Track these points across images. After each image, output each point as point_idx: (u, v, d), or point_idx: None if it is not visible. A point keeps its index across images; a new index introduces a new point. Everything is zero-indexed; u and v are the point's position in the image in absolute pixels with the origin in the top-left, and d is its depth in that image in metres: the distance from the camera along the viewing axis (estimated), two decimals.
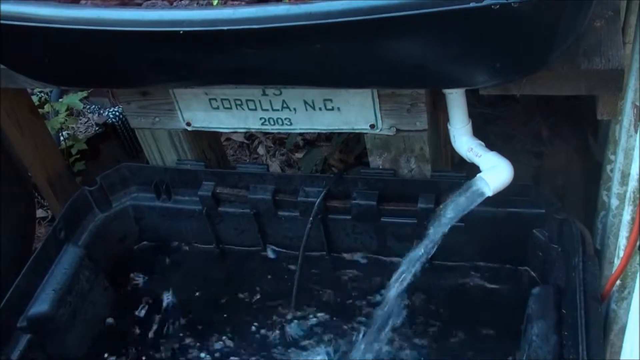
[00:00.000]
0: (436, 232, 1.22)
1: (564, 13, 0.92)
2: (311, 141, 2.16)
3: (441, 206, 1.23)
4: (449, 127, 1.25)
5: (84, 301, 1.39)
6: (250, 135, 2.25)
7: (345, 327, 1.41)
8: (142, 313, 1.49)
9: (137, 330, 1.47)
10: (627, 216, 1.01)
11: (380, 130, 1.28)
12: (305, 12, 0.93)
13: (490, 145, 1.27)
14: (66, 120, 1.99)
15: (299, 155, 2.16)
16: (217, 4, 1.02)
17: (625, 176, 1.11)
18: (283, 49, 1.01)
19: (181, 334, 1.47)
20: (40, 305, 1.30)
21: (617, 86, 1.08)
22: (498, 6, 0.86)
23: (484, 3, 0.86)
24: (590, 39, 1.12)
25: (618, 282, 1.08)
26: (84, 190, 1.46)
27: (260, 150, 2.25)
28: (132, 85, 1.31)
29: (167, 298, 1.52)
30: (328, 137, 2.09)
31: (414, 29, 0.93)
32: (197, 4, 1.05)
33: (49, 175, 1.69)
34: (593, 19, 1.14)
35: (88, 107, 2.25)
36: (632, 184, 0.96)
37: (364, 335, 1.37)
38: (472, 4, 0.87)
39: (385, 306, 1.31)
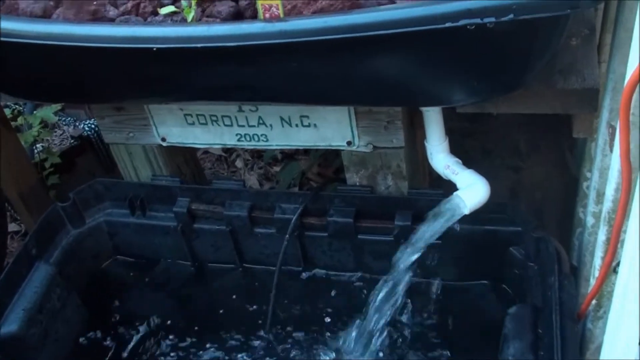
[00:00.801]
0: (413, 250, 1.22)
1: (540, 33, 0.92)
2: (289, 154, 2.15)
3: (419, 224, 1.22)
4: (426, 144, 1.25)
5: (56, 320, 1.36)
6: (228, 149, 2.24)
7: (320, 346, 1.39)
8: (116, 331, 1.46)
9: (111, 349, 1.44)
10: (602, 236, 1.01)
11: (357, 147, 1.28)
12: (280, 30, 0.92)
13: (469, 160, 1.26)
14: (40, 133, 1.96)
15: (277, 168, 2.15)
16: (191, 21, 1.01)
17: (600, 195, 1.11)
18: (258, 67, 1.00)
19: (156, 352, 1.45)
20: (10, 325, 1.26)
21: (592, 105, 1.09)
22: (473, 26, 0.86)
23: (459, 23, 0.86)
24: (566, 58, 1.12)
25: (594, 301, 1.08)
26: (56, 207, 1.44)
27: (238, 163, 2.23)
28: (106, 100, 1.29)
29: (142, 316, 1.49)
30: (306, 150, 2.08)
31: (390, 48, 0.93)
32: (172, 20, 1.04)
33: (22, 190, 1.67)
34: (569, 37, 1.15)
35: (63, 119, 2.23)
36: (607, 204, 0.96)
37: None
38: (447, 24, 0.87)
39: (364, 325, 1.30)
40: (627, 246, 0.79)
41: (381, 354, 1.32)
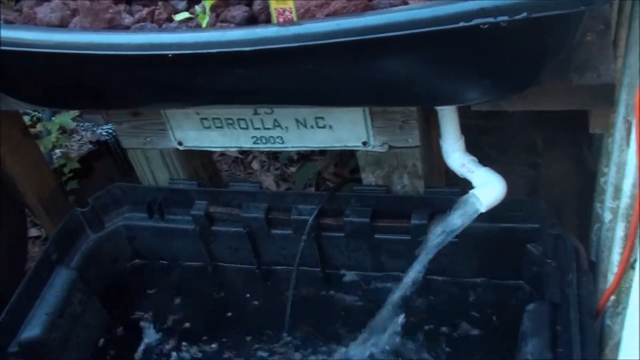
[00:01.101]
0: (430, 248, 1.22)
1: (554, 30, 0.92)
2: (305, 155, 2.16)
3: (436, 223, 1.23)
4: (441, 143, 1.25)
5: (77, 324, 1.37)
6: (244, 150, 2.24)
7: (338, 346, 1.40)
8: (136, 334, 1.48)
9: (132, 352, 1.46)
10: (620, 232, 1.01)
11: (373, 147, 1.28)
12: (294, 34, 0.93)
13: (485, 157, 1.26)
14: (58, 139, 1.98)
15: (293, 169, 2.16)
16: (206, 26, 1.02)
17: (617, 190, 1.11)
18: (273, 70, 1.00)
19: (176, 354, 1.46)
20: (32, 329, 1.29)
21: (609, 101, 1.08)
22: (487, 25, 0.86)
23: (472, 23, 0.86)
24: (581, 54, 1.11)
25: (612, 297, 1.08)
26: (75, 212, 1.45)
27: (255, 165, 2.24)
28: (123, 106, 1.30)
29: (162, 318, 1.51)
30: (322, 151, 2.08)
31: (403, 49, 0.93)
32: (186, 26, 1.05)
33: (41, 195, 1.69)
34: (584, 32, 1.14)
35: (81, 124, 2.25)
36: (625, 200, 0.96)
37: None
38: (461, 24, 0.87)
39: (382, 323, 1.31)
40: None
41: (397, 353, 1.33)
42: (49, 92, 1.19)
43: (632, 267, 0.95)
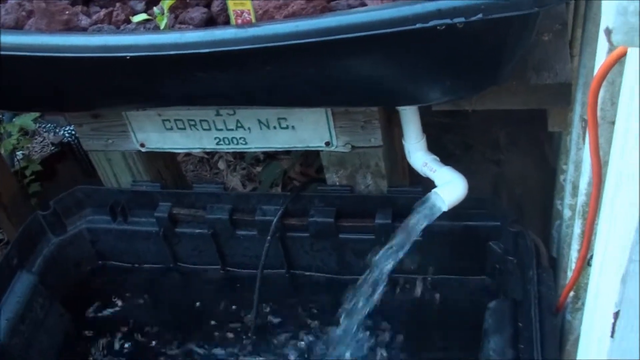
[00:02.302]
0: (394, 247, 1.23)
1: (510, 31, 0.93)
2: (271, 154, 2.15)
3: (399, 222, 1.23)
4: (404, 142, 1.26)
5: (39, 329, 1.36)
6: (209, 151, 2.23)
7: (305, 346, 1.40)
8: (100, 338, 1.46)
9: (95, 356, 1.44)
10: (577, 229, 1.03)
11: (336, 147, 1.28)
12: (253, 36, 0.92)
13: (449, 154, 1.28)
14: (20, 141, 1.95)
15: (259, 168, 2.15)
16: (164, 28, 1.01)
17: (575, 187, 1.12)
18: (233, 72, 1.00)
19: (141, 357, 1.45)
20: None
21: (565, 100, 1.10)
22: (444, 27, 0.87)
23: (429, 24, 0.87)
24: (538, 53, 1.13)
25: (572, 293, 1.09)
26: (37, 215, 1.43)
27: (221, 164, 2.23)
28: (83, 109, 1.29)
29: (126, 322, 1.50)
30: (288, 150, 2.08)
31: (362, 50, 0.93)
32: (144, 27, 1.04)
33: (2, 199, 1.66)
34: (541, 32, 1.16)
35: (43, 125, 2.21)
36: (581, 198, 0.98)
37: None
38: (418, 25, 0.87)
39: (344, 324, 1.31)
40: (598, 239, 0.81)
41: (364, 351, 1.33)
42: (7, 95, 1.17)
43: (589, 264, 0.97)
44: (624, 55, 0.66)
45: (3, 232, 2.00)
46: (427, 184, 1.24)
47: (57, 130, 2.14)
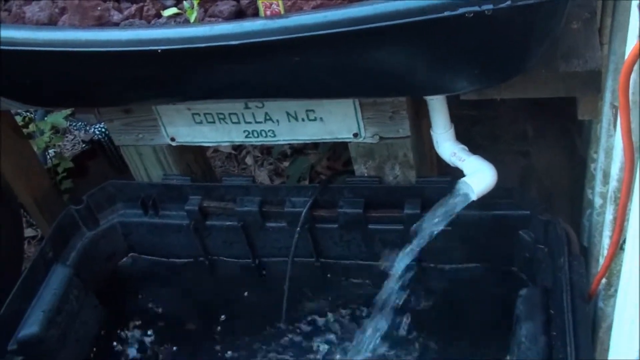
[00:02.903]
0: (423, 236, 1.23)
1: (539, 18, 0.93)
2: (299, 149, 2.17)
3: (428, 211, 1.24)
4: (432, 132, 1.26)
5: (74, 321, 1.38)
6: (237, 146, 2.25)
7: (338, 335, 1.41)
8: (134, 330, 1.49)
9: (130, 348, 1.47)
10: (609, 215, 1.02)
11: (364, 138, 1.29)
12: (282, 27, 0.93)
13: (477, 147, 1.27)
14: (52, 138, 1.99)
15: (286, 163, 2.17)
16: (194, 21, 1.03)
17: (606, 175, 1.12)
18: (262, 64, 1.01)
19: (174, 349, 1.47)
20: (30, 327, 1.29)
21: (595, 87, 1.09)
22: (472, 14, 0.87)
23: (458, 12, 0.87)
24: (567, 41, 1.13)
25: (604, 280, 1.09)
26: (70, 210, 1.46)
27: (248, 160, 2.25)
28: (114, 104, 1.31)
29: (159, 313, 1.52)
30: (315, 144, 2.09)
31: (391, 39, 0.94)
32: (175, 21, 1.06)
33: (36, 196, 1.69)
34: (570, 21, 1.15)
35: (74, 124, 2.25)
36: (613, 184, 0.97)
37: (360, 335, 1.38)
38: (446, 13, 0.88)
39: (379, 310, 1.32)
40: (631, 223, 0.80)
41: (392, 341, 1.34)
42: (40, 91, 1.20)
43: (622, 248, 0.97)
44: None
45: (36, 228, 2.05)
46: (456, 175, 1.24)
47: (88, 128, 2.17)
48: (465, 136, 1.29)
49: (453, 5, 0.87)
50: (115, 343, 1.47)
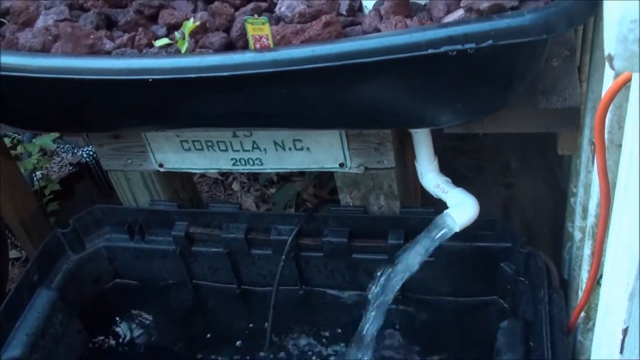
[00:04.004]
0: (406, 267, 1.25)
1: (520, 56, 0.96)
2: (285, 176, 2.18)
3: (411, 242, 1.25)
4: (416, 164, 1.28)
5: (58, 345, 1.38)
6: (224, 172, 2.27)
7: None
8: (117, 355, 1.48)
9: None
10: (587, 250, 1.04)
11: (349, 168, 1.31)
12: (271, 60, 0.96)
13: (461, 177, 1.30)
14: (39, 160, 1.99)
15: (273, 190, 2.18)
16: (185, 52, 1.05)
17: (585, 210, 1.14)
18: (251, 95, 1.03)
19: None
20: (13, 350, 1.29)
21: (574, 124, 1.12)
22: (455, 52, 0.90)
23: (441, 49, 0.90)
24: (548, 78, 1.16)
25: (583, 314, 1.11)
26: (56, 233, 1.47)
27: (235, 186, 2.26)
28: (104, 129, 1.32)
29: (142, 339, 1.52)
30: (302, 172, 2.11)
31: (376, 74, 0.96)
32: (166, 51, 1.08)
33: (22, 217, 1.69)
34: (550, 58, 1.19)
35: (62, 146, 2.26)
36: (591, 219, 1.00)
37: None
38: (430, 51, 0.90)
39: (358, 341, 1.32)
40: (607, 259, 0.83)
41: None
42: (31, 115, 1.21)
43: (598, 284, 0.99)
44: (629, 80, 0.69)
45: (21, 250, 2.04)
46: (439, 206, 1.26)
47: (76, 151, 2.18)
48: (449, 167, 1.32)
49: (436, 43, 0.90)
50: None
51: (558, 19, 0.89)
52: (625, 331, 0.69)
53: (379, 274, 1.25)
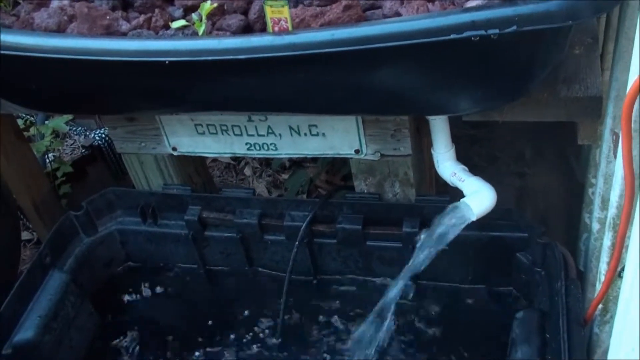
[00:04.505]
0: (422, 256, 1.23)
1: (543, 43, 0.94)
2: (298, 162, 2.17)
3: (427, 230, 1.24)
4: (433, 152, 1.27)
5: (70, 327, 1.38)
6: (237, 157, 2.26)
7: (331, 349, 1.41)
8: (129, 338, 1.48)
9: (124, 356, 1.46)
10: (607, 242, 1.03)
11: (365, 155, 1.30)
12: (289, 43, 0.94)
13: (474, 166, 1.28)
14: (52, 143, 1.99)
15: (285, 176, 2.17)
16: (202, 34, 1.03)
17: (605, 201, 1.13)
18: (268, 78, 1.02)
19: (168, 358, 1.47)
20: (26, 332, 1.29)
21: (596, 113, 1.10)
22: (478, 38, 0.88)
23: (464, 35, 0.88)
24: (569, 66, 1.14)
25: (600, 306, 1.09)
26: (69, 215, 1.46)
27: (247, 171, 2.25)
28: (118, 112, 1.31)
29: (153, 322, 1.52)
30: (314, 158, 2.10)
31: (396, 59, 0.95)
32: (183, 33, 1.06)
33: (34, 199, 1.69)
34: (572, 45, 1.17)
35: (74, 129, 2.25)
36: (612, 210, 0.98)
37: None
38: (452, 36, 0.89)
39: (373, 328, 1.32)
40: (630, 251, 0.81)
41: (387, 358, 1.34)
42: (45, 97, 1.20)
43: (620, 276, 0.97)
44: None
45: (33, 232, 2.04)
46: (455, 194, 1.25)
47: (88, 134, 2.18)
48: (463, 155, 1.30)
49: (459, 28, 0.88)
50: (109, 351, 1.47)
51: (584, 6, 0.87)
52: None
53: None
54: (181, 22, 1.07)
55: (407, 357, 1.36)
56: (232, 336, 1.47)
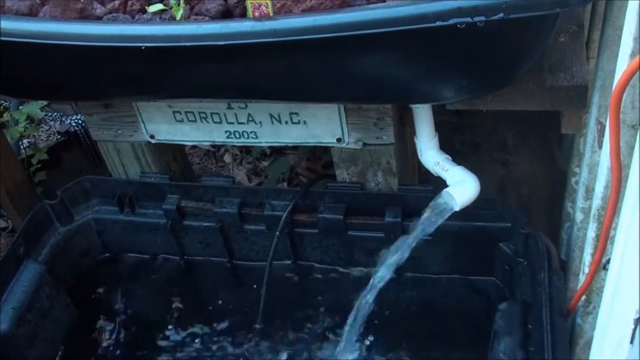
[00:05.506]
0: (404, 246, 1.22)
1: (529, 31, 0.92)
2: (278, 149, 2.14)
3: (409, 220, 1.23)
4: (416, 140, 1.25)
5: (45, 319, 1.35)
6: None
7: (311, 340, 1.39)
8: (106, 330, 1.46)
9: (100, 348, 1.44)
10: (591, 233, 1.02)
11: (347, 144, 1.27)
12: (270, 29, 0.92)
13: (456, 154, 1.27)
14: (26, 129, 1.94)
15: (265, 163, 2.15)
16: (180, 19, 1.00)
17: (589, 191, 1.12)
18: (248, 65, 0.99)
19: (146, 350, 1.45)
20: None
21: (581, 102, 1.09)
22: (464, 25, 0.86)
23: (449, 22, 0.86)
24: (555, 54, 1.13)
25: (583, 297, 1.09)
26: (44, 204, 1.43)
27: (227, 158, 2.22)
28: (94, 98, 1.28)
29: (131, 313, 1.49)
30: (296, 145, 2.07)
31: (379, 46, 0.93)
32: (160, 18, 1.03)
33: (8, 186, 1.66)
34: (557, 33, 1.15)
35: (50, 114, 2.21)
36: (597, 201, 0.97)
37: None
38: (438, 23, 0.86)
39: (355, 319, 1.31)
40: (617, 244, 0.80)
41: (370, 350, 1.33)
42: (17, 83, 1.17)
43: (605, 268, 0.97)
44: None
45: (7, 220, 2.00)
46: (437, 183, 1.23)
47: (64, 119, 2.13)
48: (445, 143, 1.29)
49: (445, 15, 0.86)
50: (86, 343, 1.44)
51: None
52: (637, 321, 0.67)
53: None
54: (158, 6, 1.04)
55: (388, 348, 1.34)
56: (211, 325, 1.45)
